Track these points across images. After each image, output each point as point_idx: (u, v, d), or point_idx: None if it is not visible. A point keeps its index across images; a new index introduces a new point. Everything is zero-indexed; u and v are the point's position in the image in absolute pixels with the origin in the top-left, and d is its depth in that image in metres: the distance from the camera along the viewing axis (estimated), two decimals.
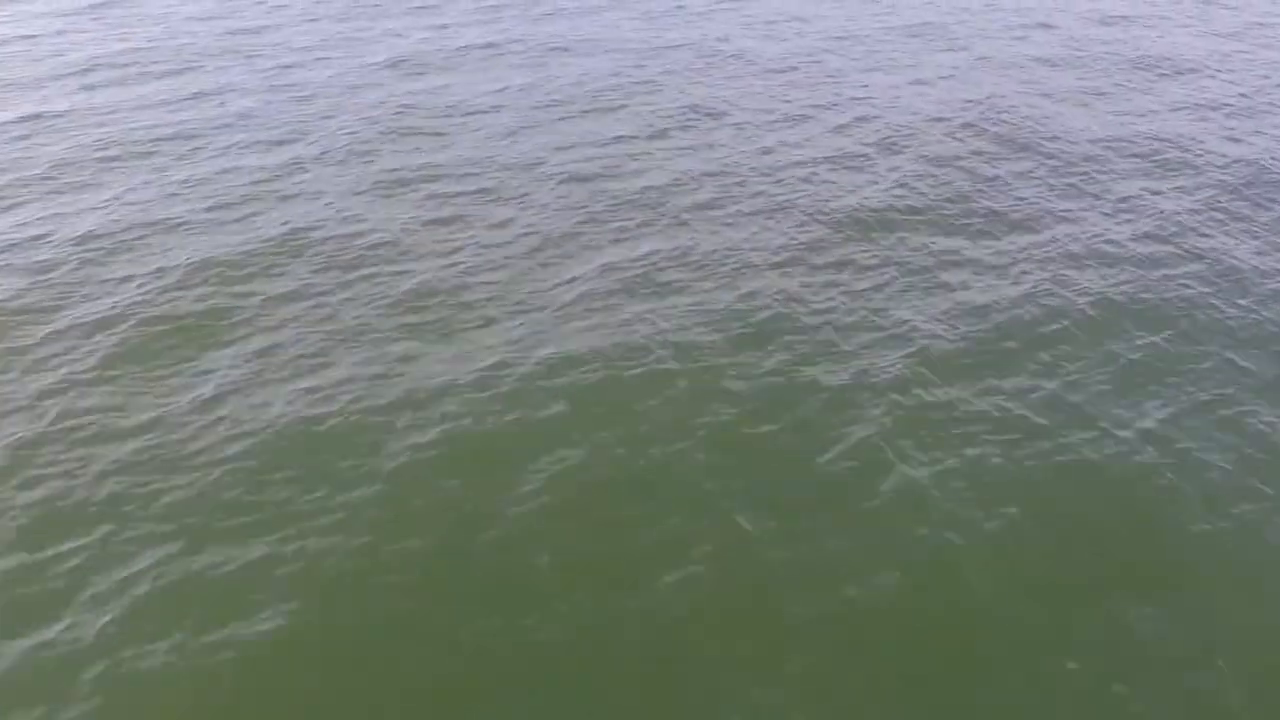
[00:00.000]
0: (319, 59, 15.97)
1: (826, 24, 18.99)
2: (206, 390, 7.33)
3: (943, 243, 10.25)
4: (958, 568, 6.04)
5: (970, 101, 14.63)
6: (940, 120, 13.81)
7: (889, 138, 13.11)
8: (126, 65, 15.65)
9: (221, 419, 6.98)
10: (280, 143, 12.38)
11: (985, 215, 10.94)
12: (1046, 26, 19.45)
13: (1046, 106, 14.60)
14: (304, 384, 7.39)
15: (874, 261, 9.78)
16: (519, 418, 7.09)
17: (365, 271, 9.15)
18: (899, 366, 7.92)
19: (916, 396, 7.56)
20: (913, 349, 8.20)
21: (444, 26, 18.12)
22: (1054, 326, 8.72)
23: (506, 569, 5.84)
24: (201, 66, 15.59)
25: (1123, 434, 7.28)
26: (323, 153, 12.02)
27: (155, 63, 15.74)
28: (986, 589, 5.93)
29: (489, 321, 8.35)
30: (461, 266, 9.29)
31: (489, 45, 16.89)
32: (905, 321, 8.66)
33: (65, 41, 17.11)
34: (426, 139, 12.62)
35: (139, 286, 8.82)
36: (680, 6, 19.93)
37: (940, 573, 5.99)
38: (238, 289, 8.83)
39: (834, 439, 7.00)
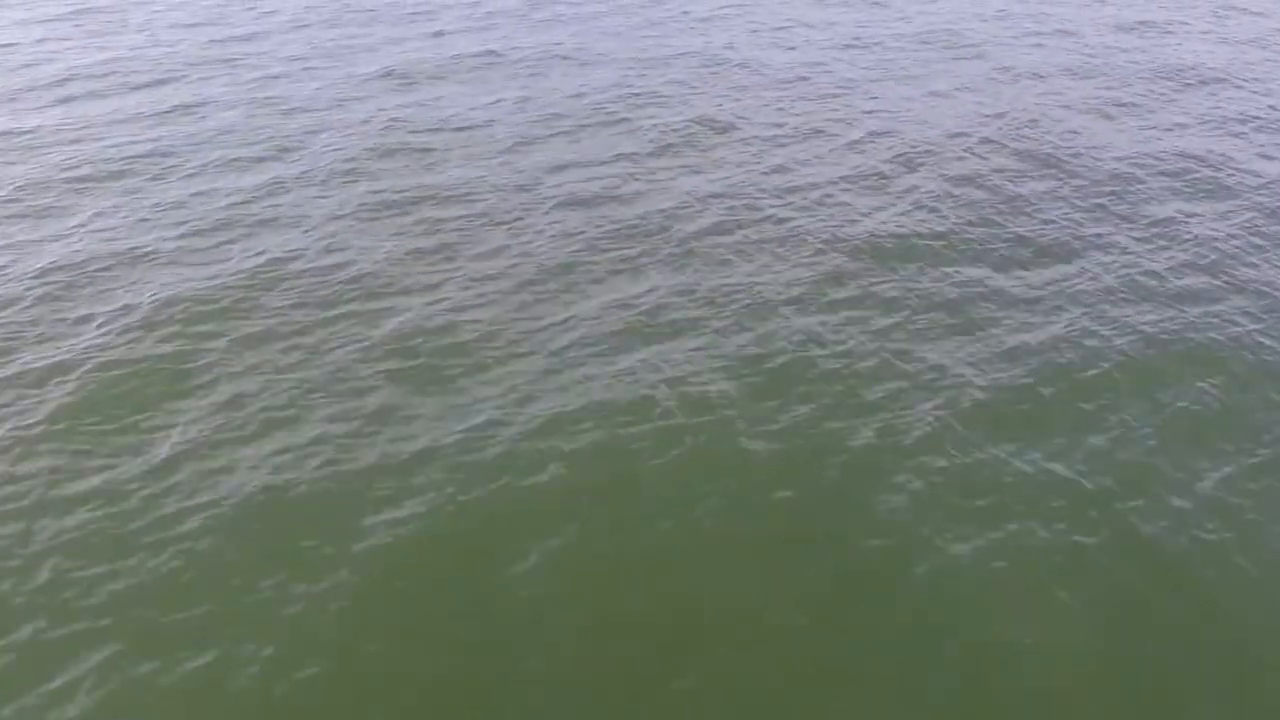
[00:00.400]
0: (306, 69, 15.25)
1: (836, 31, 18.26)
2: (162, 451, 6.62)
3: (967, 272, 9.54)
4: (1008, 664, 5.33)
5: (989, 115, 13.92)
6: (958, 135, 13.09)
7: (905, 154, 12.39)
8: (105, 76, 14.94)
9: (176, 487, 6.27)
10: (260, 160, 11.67)
11: (1011, 240, 10.23)
12: (1062, 33, 18.72)
13: (1068, 119, 13.88)
14: (270, 445, 6.67)
15: (895, 293, 9.07)
16: (508, 484, 6.37)
17: (344, 309, 8.44)
18: (928, 421, 7.21)
19: (948, 457, 6.85)
20: (941, 400, 7.49)
21: (438, 34, 17.40)
22: (1092, 371, 8.00)
23: (493, 675, 5.13)
24: (183, 77, 14.88)
25: (1177, 502, 6.57)
26: (304, 172, 11.31)
27: (135, 73, 15.02)
28: (1039, 688, 5.24)
29: (477, 369, 7.64)
30: (448, 303, 8.57)
31: (484, 54, 16.17)
32: (931, 366, 7.95)
33: (44, 50, 16.39)
34: (415, 156, 11.91)
35: (99, 327, 8.11)
36: (684, 12, 19.20)
37: (990, 673, 5.29)
38: (205, 328, 8.13)
39: (862, 510, 6.29)
